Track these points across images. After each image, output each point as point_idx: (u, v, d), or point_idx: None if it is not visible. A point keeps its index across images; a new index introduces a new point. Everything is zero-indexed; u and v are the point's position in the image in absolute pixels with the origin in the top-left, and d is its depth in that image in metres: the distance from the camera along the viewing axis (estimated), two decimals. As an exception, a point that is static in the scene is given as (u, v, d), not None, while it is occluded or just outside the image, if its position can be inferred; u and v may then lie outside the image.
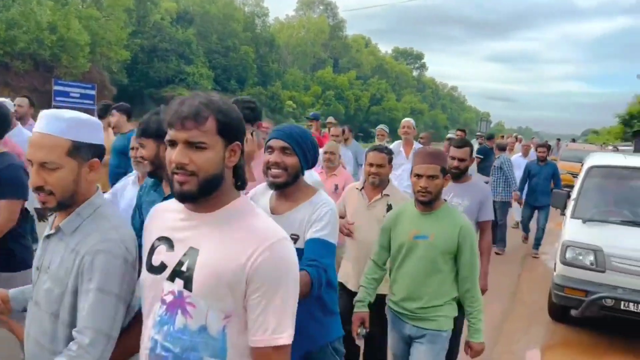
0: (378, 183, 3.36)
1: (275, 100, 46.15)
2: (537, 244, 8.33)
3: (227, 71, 44.88)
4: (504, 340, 4.98)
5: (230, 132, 1.37)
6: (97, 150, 1.61)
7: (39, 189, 1.52)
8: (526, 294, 6.43)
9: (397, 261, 2.74)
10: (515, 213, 10.04)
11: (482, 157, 9.23)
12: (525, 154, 10.42)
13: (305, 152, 2.09)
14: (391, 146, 5.94)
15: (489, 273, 3.63)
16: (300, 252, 1.87)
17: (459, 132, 10.56)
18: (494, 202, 8.09)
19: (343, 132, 6.97)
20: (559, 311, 5.40)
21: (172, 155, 1.32)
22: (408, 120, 6.52)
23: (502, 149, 8.97)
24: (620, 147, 22.57)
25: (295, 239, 1.99)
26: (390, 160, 3.41)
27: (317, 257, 1.93)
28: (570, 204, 5.33)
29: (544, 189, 8.15)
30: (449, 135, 13.47)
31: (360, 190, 3.47)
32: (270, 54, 51.34)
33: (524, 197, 8.65)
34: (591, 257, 4.80)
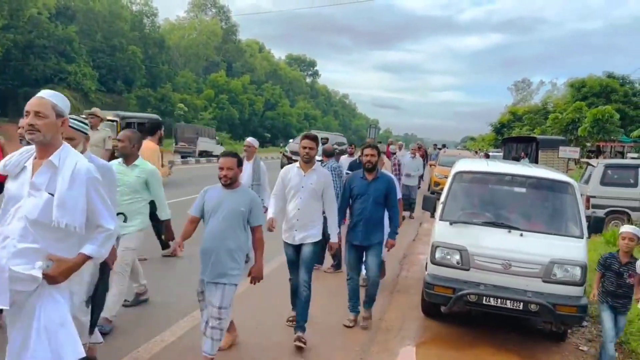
0: None
1: (165, 103, 44.60)
2: (367, 307, 5.43)
3: (113, 71, 42.66)
4: (380, 338, 5.21)
5: None
6: None
7: None
8: (403, 293, 6.77)
9: None
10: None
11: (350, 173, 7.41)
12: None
13: None
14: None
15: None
16: None
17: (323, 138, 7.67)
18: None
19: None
20: (431, 308, 5.74)
21: None
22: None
23: (330, 155, 7.61)
24: (490, 153, 24.64)
25: None
26: None
27: None
28: (439, 207, 5.70)
29: (372, 218, 5.21)
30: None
31: None
32: (160, 55, 49.58)
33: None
34: (457, 257, 5.16)
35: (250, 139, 7.31)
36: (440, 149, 25.06)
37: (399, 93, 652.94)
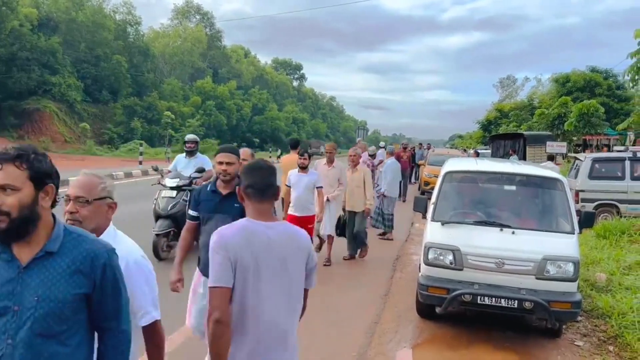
0: None
1: (152, 111, 44.35)
2: None
3: (98, 81, 42.39)
4: (376, 342, 5.19)
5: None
6: None
7: None
8: (397, 295, 6.76)
9: None
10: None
11: None
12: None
13: None
14: None
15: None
16: None
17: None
18: None
19: None
20: (426, 309, 5.73)
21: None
22: None
23: None
24: (480, 151, 24.71)
25: None
26: None
27: None
28: (430, 208, 5.69)
29: None
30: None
31: None
32: (145, 64, 49.34)
33: None
34: (450, 257, 5.16)
35: None
36: (427, 148, 24.92)
37: (386, 94, 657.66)
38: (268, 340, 2.25)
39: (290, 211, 7.09)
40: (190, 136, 7.84)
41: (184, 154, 8.06)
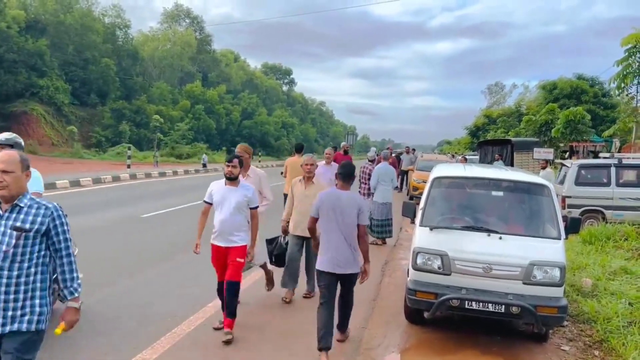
0: None
1: (140, 115, 44.14)
2: None
3: (86, 84, 42.13)
4: (364, 347, 5.19)
5: None
6: None
7: None
8: (385, 299, 6.77)
9: None
10: None
11: None
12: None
13: None
14: None
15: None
16: None
17: None
18: None
19: None
20: (414, 314, 5.74)
21: None
22: None
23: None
24: (468, 157, 24.85)
25: None
26: None
27: None
28: (419, 213, 5.72)
29: None
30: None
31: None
32: (134, 67, 49.17)
33: None
34: (438, 262, 5.18)
35: None
36: (406, 152, 24.52)
37: (375, 99, 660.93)
38: (336, 250, 4.81)
39: (214, 240, 5.19)
40: (4, 135, 4.57)
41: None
